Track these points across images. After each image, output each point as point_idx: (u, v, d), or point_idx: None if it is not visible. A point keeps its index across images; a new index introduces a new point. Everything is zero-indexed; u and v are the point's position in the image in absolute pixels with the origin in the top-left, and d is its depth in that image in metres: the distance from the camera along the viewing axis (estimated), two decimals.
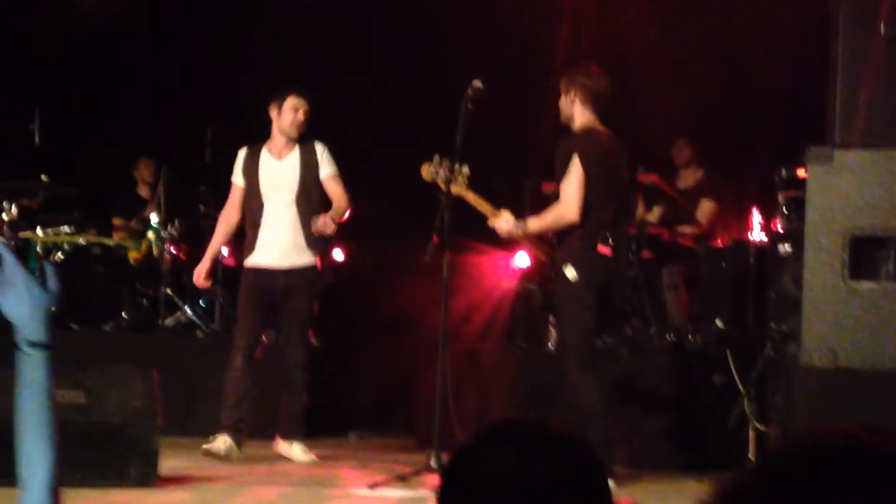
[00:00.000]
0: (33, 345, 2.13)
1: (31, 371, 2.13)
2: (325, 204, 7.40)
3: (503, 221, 6.33)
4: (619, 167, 6.49)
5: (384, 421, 9.20)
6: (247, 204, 7.40)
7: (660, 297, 8.41)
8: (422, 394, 7.87)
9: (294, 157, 7.36)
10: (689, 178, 9.38)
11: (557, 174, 6.34)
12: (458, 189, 6.37)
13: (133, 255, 9.24)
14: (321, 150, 7.37)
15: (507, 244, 7.44)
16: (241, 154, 7.47)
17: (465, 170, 6.34)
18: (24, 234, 9.02)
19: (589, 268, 6.24)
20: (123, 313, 9.01)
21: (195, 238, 9.55)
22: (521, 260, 8.24)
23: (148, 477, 5.79)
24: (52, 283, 2.20)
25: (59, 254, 8.86)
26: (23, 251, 8.51)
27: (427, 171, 6.42)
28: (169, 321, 9.12)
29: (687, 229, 9.11)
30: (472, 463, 1.56)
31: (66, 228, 9.07)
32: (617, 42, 9.67)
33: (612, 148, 6.41)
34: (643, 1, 9.93)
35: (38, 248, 8.93)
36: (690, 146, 9.37)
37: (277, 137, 7.39)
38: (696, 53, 9.64)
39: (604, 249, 6.25)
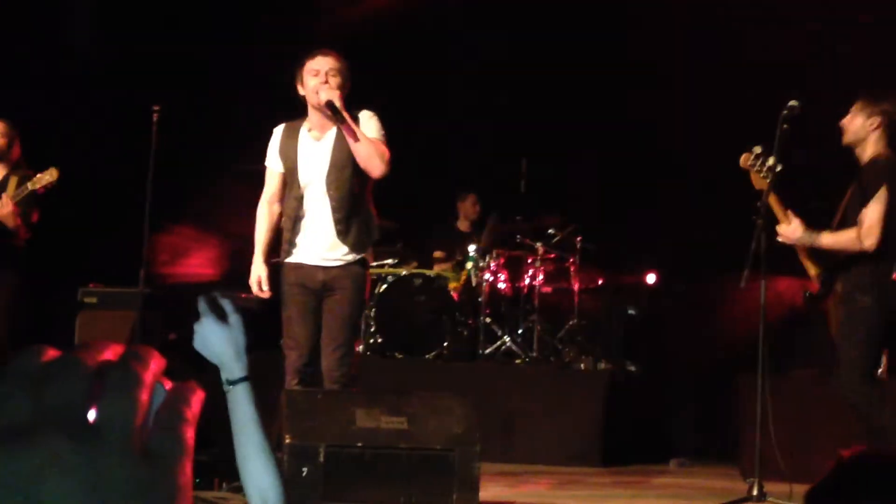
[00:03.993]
0: (233, 382, 2.26)
1: (237, 406, 2.25)
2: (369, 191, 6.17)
3: (792, 229, 6.25)
4: None
5: (706, 448, 9.07)
6: (287, 194, 6.14)
7: None
8: (744, 421, 7.72)
9: (332, 133, 6.03)
10: None
11: (856, 198, 6.25)
12: (764, 184, 6.30)
13: (453, 286, 9.49)
14: (366, 117, 6.03)
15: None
16: (278, 133, 6.19)
17: (778, 168, 6.26)
18: None
19: (881, 294, 6.16)
20: (445, 342, 9.26)
21: (513, 268, 9.73)
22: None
23: (469, 503, 5.89)
24: (234, 318, 2.33)
25: (384, 285, 9.20)
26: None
27: (745, 159, 6.38)
28: (488, 350, 9.31)
29: None
30: (835, 499, 1.50)
31: (389, 261, 9.42)
32: None
33: None
34: None
35: None
36: None
37: (313, 114, 6.06)
38: None
39: None
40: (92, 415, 0.86)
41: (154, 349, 0.90)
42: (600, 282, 9.95)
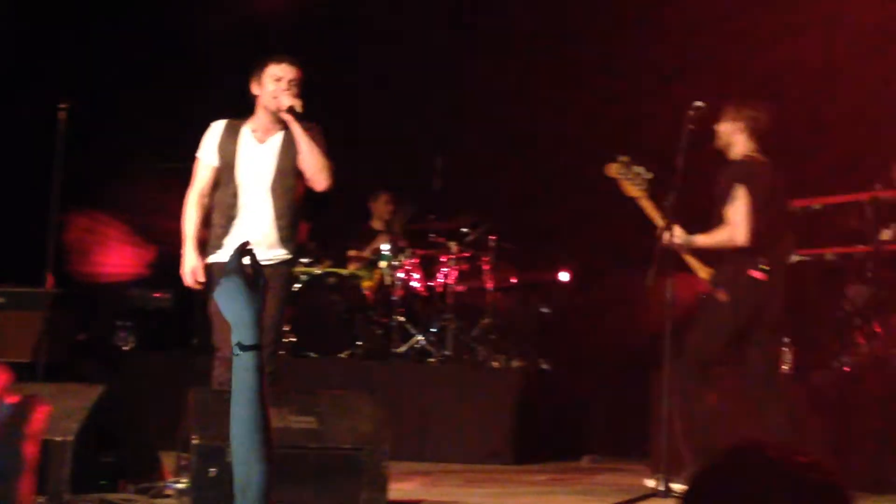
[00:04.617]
0: (245, 347, 2.24)
1: (243, 373, 2.23)
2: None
3: (671, 234, 6.42)
4: (778, 195, 6.60)
5: (619, 445, 9.14)
6: (220, 190, 6.13)
7: None
8: (655, 418, 7.80)
9: (277, 139, 6.10)
10: None
11: (719, 200, 6.45)
12: (636, 191, 6.50)
13: (366, 285, 9.48)
14: (312, 130, 6.12)
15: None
16: (218, 128, 6.19)
17: (647, 175, 6.46)
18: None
19: (739, 292, 6.37)
20: (358, 341, 9.24)
21: (427, 267, 9.74)
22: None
23: (377, 502, 5.88)
24: (262, 282, 2.32)
25: (297, 284, 9.15)
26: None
27: (613, 169, 6.58)
28: (402, 348, 9.31)
29: None
30: (713, 489, 1.53)
31: (303, 259, 9.38)
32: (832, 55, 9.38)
33: (772, 176, 6.52)
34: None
35: None
36: None
37: (261, 116, 6.12)
38: None
39: (756, 274, 6.34)
40: None
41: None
42: (514, 280, 9.98)
